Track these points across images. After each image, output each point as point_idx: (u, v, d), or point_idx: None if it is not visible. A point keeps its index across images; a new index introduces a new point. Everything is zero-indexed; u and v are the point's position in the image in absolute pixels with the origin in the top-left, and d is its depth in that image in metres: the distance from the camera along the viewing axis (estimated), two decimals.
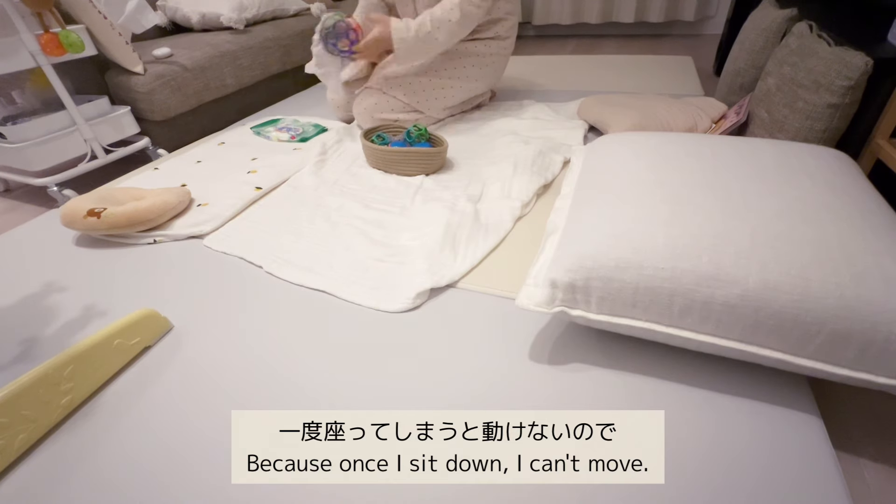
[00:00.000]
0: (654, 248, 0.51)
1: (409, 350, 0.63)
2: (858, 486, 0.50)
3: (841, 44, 0.79)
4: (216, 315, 0.72)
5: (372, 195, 1.01)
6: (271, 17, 1.87)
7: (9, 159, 1.17)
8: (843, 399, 0.59)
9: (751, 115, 1.02)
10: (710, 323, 0.50)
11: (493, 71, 1.34)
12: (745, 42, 1.18)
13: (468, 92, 1.33)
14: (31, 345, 0.69)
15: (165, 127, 1.44)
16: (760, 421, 0.50)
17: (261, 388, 0.59)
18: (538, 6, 2.72)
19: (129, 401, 0.59)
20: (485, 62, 1.30)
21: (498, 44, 1.30)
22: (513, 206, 0.90)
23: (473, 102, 1.44)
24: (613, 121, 1.15)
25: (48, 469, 0.52)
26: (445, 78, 1.27)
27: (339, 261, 0.81)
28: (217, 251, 0.87)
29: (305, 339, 0.66)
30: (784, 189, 0.56)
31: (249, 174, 1.13)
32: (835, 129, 0.81)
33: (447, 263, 0.76)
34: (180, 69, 1.41)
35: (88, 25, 1.22)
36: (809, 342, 0.46)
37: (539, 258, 0.63)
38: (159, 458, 0.52)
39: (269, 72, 1.74)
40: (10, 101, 1.24)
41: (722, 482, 0.45)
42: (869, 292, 0.44)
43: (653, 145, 0.71)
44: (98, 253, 0.90)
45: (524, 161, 1.05)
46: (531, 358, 0.60)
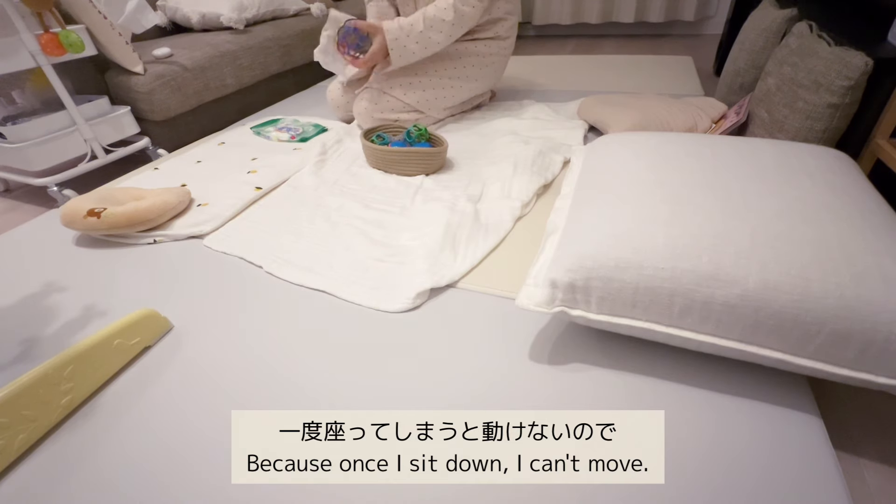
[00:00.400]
0: (654, 248, 0.51)
1: (409, 350, 0.63)
2: (858, 486, 0.50)
3: (841, 44, 0.79)
4: (216, 315, 0.72)
5: (372, 195, 1.01)
6: (271, 17, 1.87)
7: (9, 159, 1.17)
8: (843, 399, 0.59)
9: (751, 115, 1.02)
10: (710, 323, 0.50)
11: (494, 71, 1.34)
12: (745, 42, 1.18)
13: (468, 92, 1.33)
14: (31, 345, 0.69)
15: (165, 127, 1.44)
16: (760, 421, 0.50)
17: (261, 388, 0.59)
18: (538, 6, 2.72)
19: (129, 401, 0.59)
20: (485, 62, 1.30)
21: (498, 44, 1.30)
22: (513, 206, 0.90)
23: (473, 102, 1.44)
24: (613, 121, 1.15)
25: (48, 469, 0.52)
26: (445, 78, 1.27)
27: (339, 261, 0.81)
28: (217, 251, 0.87)
29: (305, 339, 0.66)
30: (784, 189, 0.56)
31: (249, 174, 1.13)
32: (835, 129, 0.81)
33: (447, 263, 0.76)
34: (180, 69, 1.41)
35: (88, 25, 1.22)
36: (809, 342, 0.46)
37: (539, 258, 0.63)
38: (159, 458, 0.52)
39: (269, 72, 1.74)
40: (10, 101, 1.24)
41: (722, 482, 0.45)
42: (869, 292, 0.44)
43: (653, 145, 0.71)
44: (98, 253, 0.90)
45: (524, 161, 1.05)
46: (531, 358, 0.60)
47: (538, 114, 1.37)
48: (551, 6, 2.69)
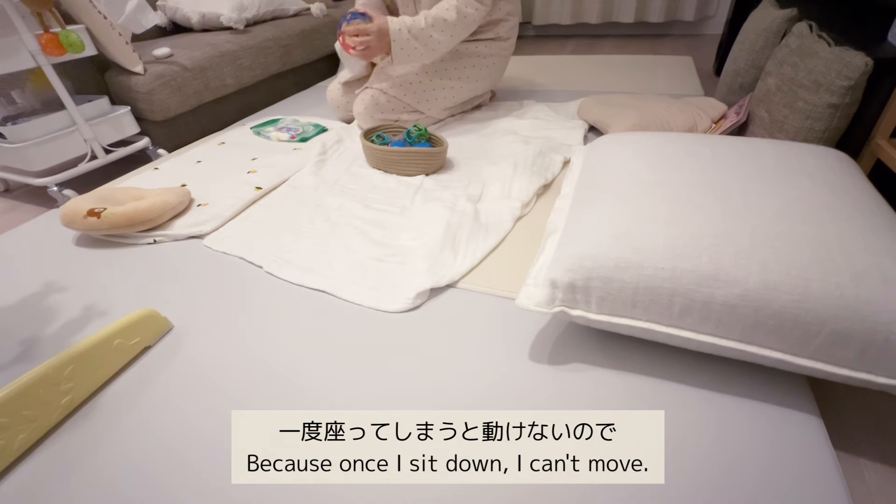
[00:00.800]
0: (654, 248, 0.51)
1: (409, 350, 0.63)
2: (858, 486, 0.50)
3: (841, 44, 0.79)
4: (216, 315, 0.72)
5: (372, 195, 1.01)
6: (271, 17, 1.87)
7: (9, 159, 1.17)
8: (843, 399, 0.59)
9: (751, 115, 1.02)
10: (710, 323, 0.50)
11: (494, 72, 1.34)
12: (745, 42, 1.18)
13: (468, 92, 1.33)
14: (31, 345, 0.69)
15: (165, 127, 1.44)
16: (760, 421, 0.50)
17: (261, 388, 0.59)
18: (538, 6, 2.72)
19: (129, 401, 0.59)
20: (485, 63, 1.30)
21: (499, 45, 1.30)
22: (513, 206, 0.90)
23: (473, 103, 1.44)
24: (613, 121, 1.15)
25: (48, 469, 0.52)
26: (446, 79, 1.27)
27: (339, 261, 0.81)
28: (217, 251, 0.87)
29: (305, 339, 0.66)
30: (784, 189, 0.56)
31: (249, 174, 1.13)
32: (835, 129, 0.81)
33: (447, 263, 0.76)
34: (180, 69, 1.41)
35: (88, 25, 1.22)
36: (809, 342, 0.46)
37: (539, 258, 0.63)
38: (159, 458, 0.52)
39: (269, 72, 1.74)
40: (10, 101, 1.24)
41: (722, 482, 0.45)
42: (869, 292, 0.44)
43: (653, 145, 0.71)
44: (98, 253, 0.90)
45: (524, 161, 1.05)
46: (531, 358, 0.60)
47: (538, 114, 1.37)
48: (551, 6, 2.69)
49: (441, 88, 1.28)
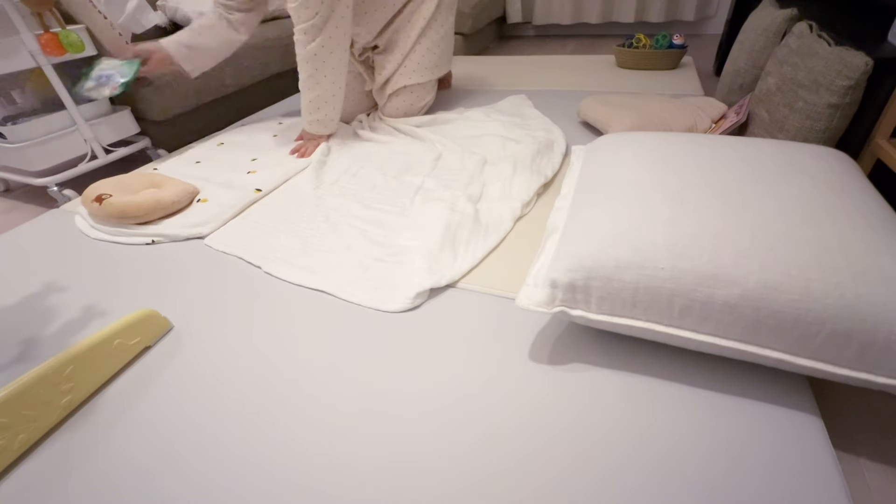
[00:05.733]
0: (654, 247, 0.51)
1: (409, 350, 0.63)
2: (858, 486, 0.50)
3: (841, 44, 0.79)
4: (216, 315, 0.72)
5: (371, 195, 1.01)
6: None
7: (9, 159, 1.17)
8: (843, 399, 0.59)
9: (751, 115, 1.02)
10: (710, 323, 0.50)
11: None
12: (745, 42, 1.18)
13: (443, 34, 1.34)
14: (31, 345, 0.69)
15: (165, 127, 1.44)
16: (760, 421, 0.50)
17: (261, 387, 0.59)
18: (538, 6, 2.72)
19: (129, 401, 0.59)
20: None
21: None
22: (513, 206, 0.90)
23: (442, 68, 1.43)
24: (613, 121, 1.15)
25: (48, 469, 0.52)
26: (425, 40, 1.29)
27: (338, 261, 0.81)
28: (217, 251, 0.87)
29: (305, 338, 0.66)
30: (784, 189, 0.56)
31: (249, 174, 1.13)
32: (835, 129, 0.81)
33: (447, 263, 0.76)
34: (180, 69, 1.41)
35: (88, 25, 1.22)
36: (809, 342, 0.46)
37: (539, 258, 0.63)
38: (159, 458, 0.52)
39: (269, 72, 1.74)
40: (10, 101, 1.24)
41: (722, 482, 0.45)
42: (869, 292, 0.44)
43: (653, 145, 0.71)
44: (98, 253, 0.90)
45: (524, 161, 1.05)
46: (531, 358, 0.60)
47: (530, 113, 1.38)
48: (551, 6, 2.69)
49: (427, 48, 1.30)
